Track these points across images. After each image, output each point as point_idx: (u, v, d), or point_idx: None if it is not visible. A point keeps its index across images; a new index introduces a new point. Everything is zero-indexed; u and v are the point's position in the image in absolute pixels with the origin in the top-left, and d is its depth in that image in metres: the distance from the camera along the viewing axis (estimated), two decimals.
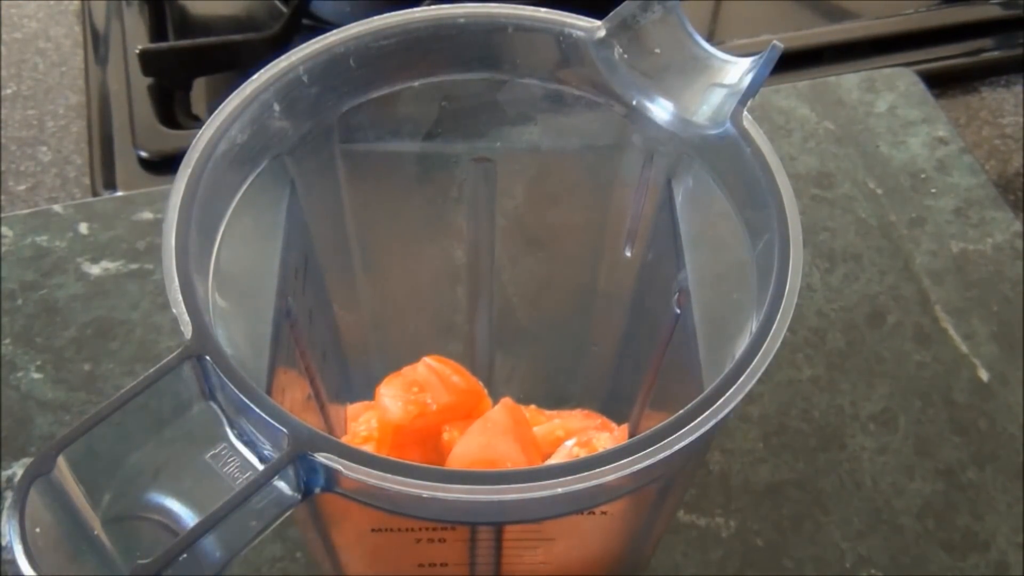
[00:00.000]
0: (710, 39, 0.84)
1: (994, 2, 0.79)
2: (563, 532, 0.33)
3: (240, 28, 0.75)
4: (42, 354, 0.51)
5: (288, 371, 0.34)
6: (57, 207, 0.57)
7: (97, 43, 0.73)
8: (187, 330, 0.26)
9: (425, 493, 0.24)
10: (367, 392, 0.43)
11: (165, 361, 0.25)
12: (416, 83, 0.35)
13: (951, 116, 0.69)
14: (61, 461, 0.24)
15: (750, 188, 0.30)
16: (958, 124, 0.71)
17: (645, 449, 0.25)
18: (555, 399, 0.47)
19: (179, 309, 0.26)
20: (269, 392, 0.30)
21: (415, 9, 0.33)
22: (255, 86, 0.31)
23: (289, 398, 0.34)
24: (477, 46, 0.34)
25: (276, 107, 0.32)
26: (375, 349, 0.46)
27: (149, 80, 0.69)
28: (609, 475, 0.24)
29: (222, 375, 0.25)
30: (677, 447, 0.25)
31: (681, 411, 0.25)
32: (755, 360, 0.26)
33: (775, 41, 0.28)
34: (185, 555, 0.23)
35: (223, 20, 0.80)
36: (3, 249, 0.55)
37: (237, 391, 0.25)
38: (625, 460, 0.24)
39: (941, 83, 0.72)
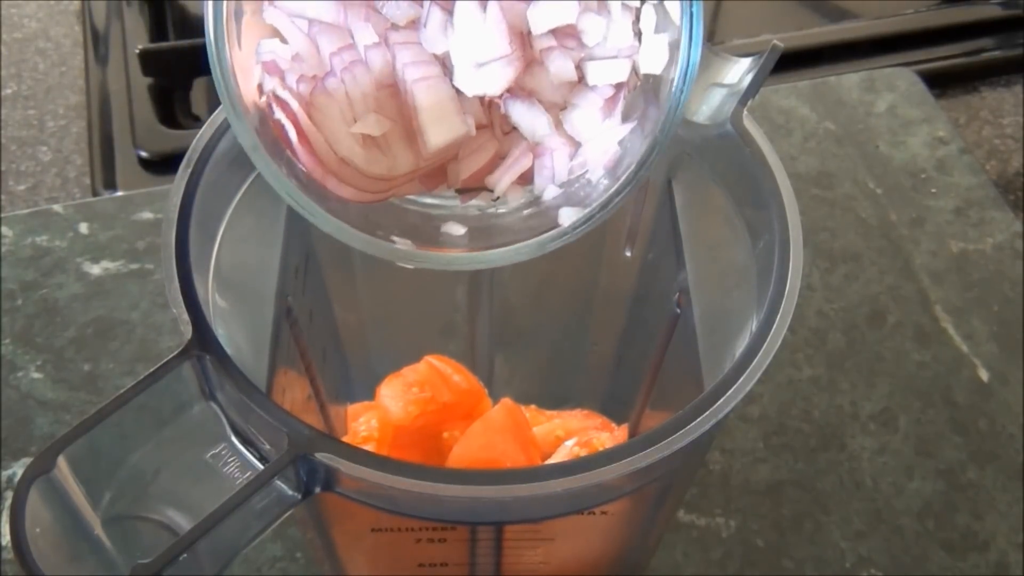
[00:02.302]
0: (710, 39, 0.84)
1: (994, 2, 0.79)
2: (563, 532, 0.33)
3: None
4: (42, 354, 0.51)
5: (288, 371, 0.34)
6: (57, 207, 0.57)
7: (97, 43, 0.73)
8: (187, 330, 0.26)
9: (425, 492, 0.24)
10: (367, 392, 0.43)
11: (165, 361, 0.25)
12: None
13: (951, 116, 0.69)
14: (61, 461, 0.24)
15: (750, 188, 0.30)
16: (958, 124, 0.71)
17: (645, 449, 0.25)
18: (555, 399, 0.47)
19: (179, 309, 0.26)
20: (269, 392, 0.30)
21: None
22: None
23: (289, 398, 0.34)
24: None
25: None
26: (375, 349, 0.46)
27: (149, 80, 0.69)
28: (609, 475, 0.24)
29: (222, 375, 0.25)
30: (677, 447, 0.25)
31: (681, 411, 0.25)
32: (755, 360, 0.26)
33: (775, 41, 0.28)
34: (185, 555, 0.23)
35: None
36: (3, 249, 0.55)
37: (237, 391, 0.25)
38: (625, 460, 0.24)
39: (941, 83, 0.72)
